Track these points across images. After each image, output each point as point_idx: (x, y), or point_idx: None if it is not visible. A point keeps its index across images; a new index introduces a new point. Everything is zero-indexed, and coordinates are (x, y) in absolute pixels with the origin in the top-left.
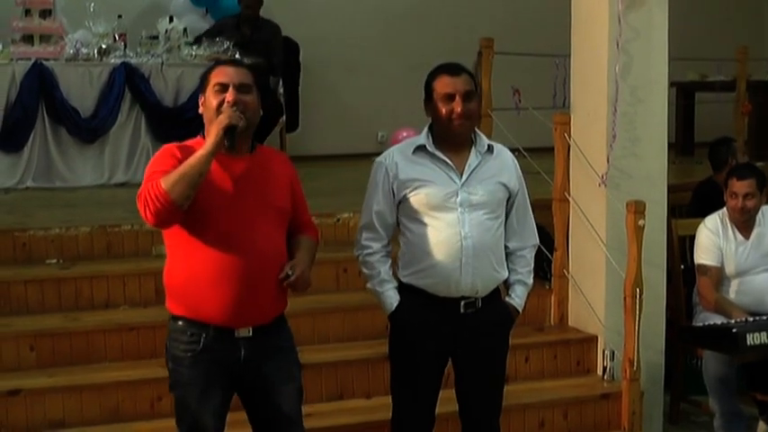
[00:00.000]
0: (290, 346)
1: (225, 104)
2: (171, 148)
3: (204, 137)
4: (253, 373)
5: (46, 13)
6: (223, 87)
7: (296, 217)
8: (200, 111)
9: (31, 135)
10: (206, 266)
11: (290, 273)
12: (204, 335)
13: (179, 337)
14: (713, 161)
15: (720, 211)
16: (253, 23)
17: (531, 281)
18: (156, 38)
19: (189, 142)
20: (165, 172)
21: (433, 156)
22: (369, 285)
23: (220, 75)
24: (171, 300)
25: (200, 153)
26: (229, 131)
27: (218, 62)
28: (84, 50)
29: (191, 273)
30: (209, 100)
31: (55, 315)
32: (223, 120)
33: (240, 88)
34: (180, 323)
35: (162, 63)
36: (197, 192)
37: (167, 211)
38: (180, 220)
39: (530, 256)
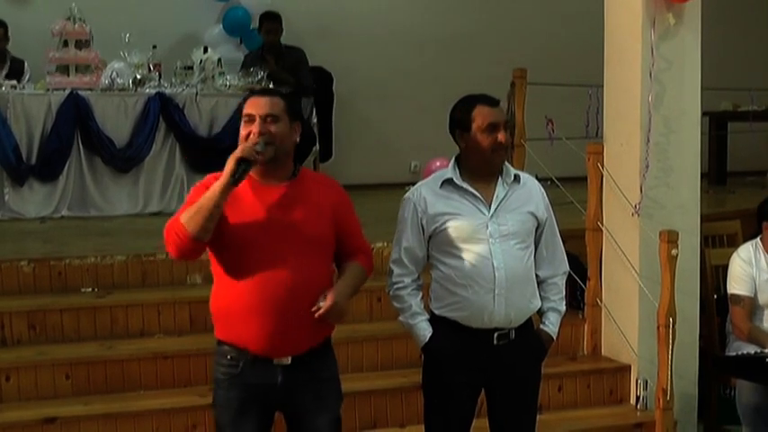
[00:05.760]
0: (331, 375)
1: (251, 136)
2: (207, 178)
3: None
4: (289, 401)
5: (82, 44)
6: (250, 118)
7: (345, 243)
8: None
9: (67, 164)
10: (240, 296)
11: (320, 305)
12: (243, 360)
13: (220, 360)
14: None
15: (753, 241)
16: (276, 51)
17: (563, 307)
18: (190, 68)
19: None
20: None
21: (460, 189)
22: (401, 319)
23: (249, 106)
24: (215, 323)
25: (215, 185)
26: (241, 164)
27: (252, 92)
28: (119, 80)
29: (228, 301)
30: (240, 131)
31: (90, 343)
32: (236, 153)
33: (267, 119)
34: (224, 347)
35: (196, 93)
36: (232, 221)
37: (185, 244)
38: (201, 252)
39: (561, 283)
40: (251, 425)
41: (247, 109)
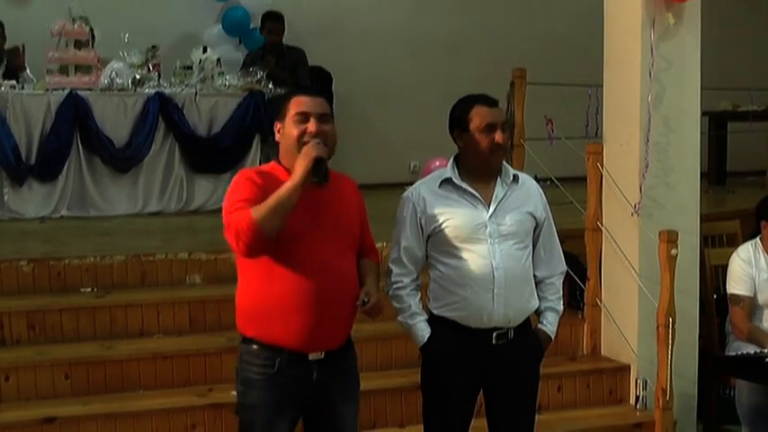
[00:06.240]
0: (355, 367)
1: (307, 135)
2: (248, 173)
3: (279, 163)
4: (321, 395)
5: (81, 44)
6: (304, 117)
7: (361, 241)
8: (277, 138)
9: (66, 164)
10: (283, 293)
11: (365, 299)
12: (279, 358)
13: (252, 359)
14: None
15: (753, 241)
16: (277, 51)
17: (561, 307)
18: (189, 68)
19: (265, 167)
20: (248, 200)
21: (459, 188)
22: (399, 319)
23: (300, 104)
24: (244, 321)
25: (290, 185)
26: (317, 163)
27: (295, 90)
28: (118, 80)
29: (267, 298)
30: (290, 129)
31: (90, 343)
32: (311, 152)
33: (321, 118)
34: (254, 346)
35: (195, 93)
36: (288, 220)
37: (260, 242)
38: (268, 250)
39: (558, 283)
40: (286, 423)
41: (299, 107)
